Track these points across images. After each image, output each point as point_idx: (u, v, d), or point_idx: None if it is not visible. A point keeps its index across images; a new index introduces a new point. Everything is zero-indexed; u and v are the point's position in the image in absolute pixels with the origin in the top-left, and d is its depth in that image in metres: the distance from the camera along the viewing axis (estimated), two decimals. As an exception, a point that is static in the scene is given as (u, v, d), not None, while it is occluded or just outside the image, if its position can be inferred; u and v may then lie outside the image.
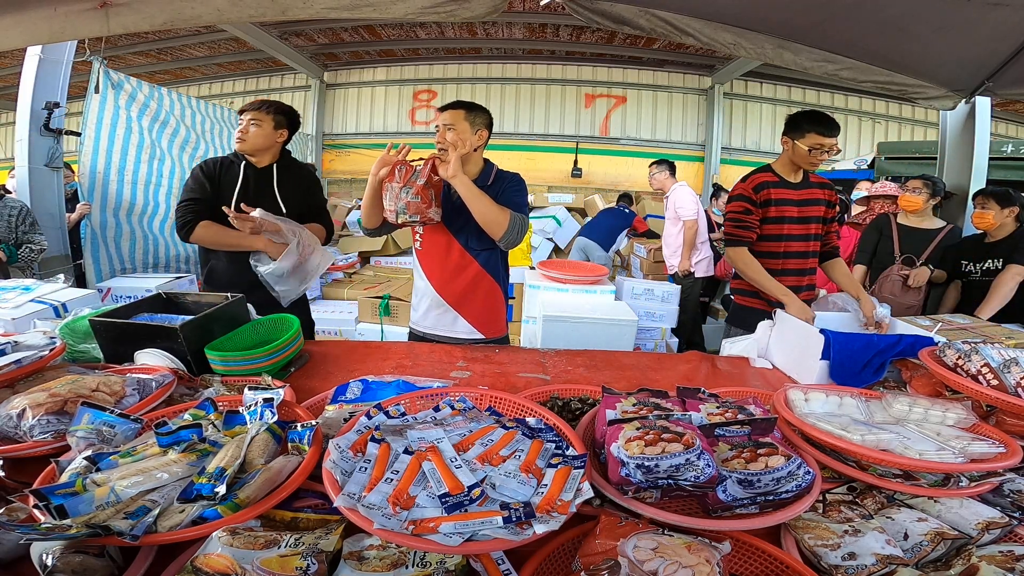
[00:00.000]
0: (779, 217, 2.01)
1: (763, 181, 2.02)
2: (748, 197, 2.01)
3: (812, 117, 1.94)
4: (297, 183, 2.01)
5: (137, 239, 3.90)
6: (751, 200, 2.01)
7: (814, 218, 2.05)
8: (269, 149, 1.95)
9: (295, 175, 2.02)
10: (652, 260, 4.73)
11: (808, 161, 1.96)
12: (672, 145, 7.02)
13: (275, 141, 1.94)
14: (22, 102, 3.18)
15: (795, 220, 2.02)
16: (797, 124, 1.96)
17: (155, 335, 1.32)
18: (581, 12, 2.07)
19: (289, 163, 2.03)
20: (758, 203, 2.01)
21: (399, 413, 0.95)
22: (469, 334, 1.88)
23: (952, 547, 0.76)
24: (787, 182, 2.03)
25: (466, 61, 7.09)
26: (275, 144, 1.95)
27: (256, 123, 1.87)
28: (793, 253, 2.04)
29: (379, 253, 5.13)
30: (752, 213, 2.01)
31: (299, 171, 2.04)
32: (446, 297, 1.84)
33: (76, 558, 0.62)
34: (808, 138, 1.91)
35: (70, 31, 2.01)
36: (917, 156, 4.26)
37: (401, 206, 1.63)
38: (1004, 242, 2.53)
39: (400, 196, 1.62)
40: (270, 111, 1.90)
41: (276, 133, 1.93)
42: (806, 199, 2.03)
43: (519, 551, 0.67)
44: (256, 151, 1.92)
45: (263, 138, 1.90)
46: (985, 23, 1.96)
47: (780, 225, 2.02)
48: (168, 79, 7.28)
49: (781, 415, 1.00)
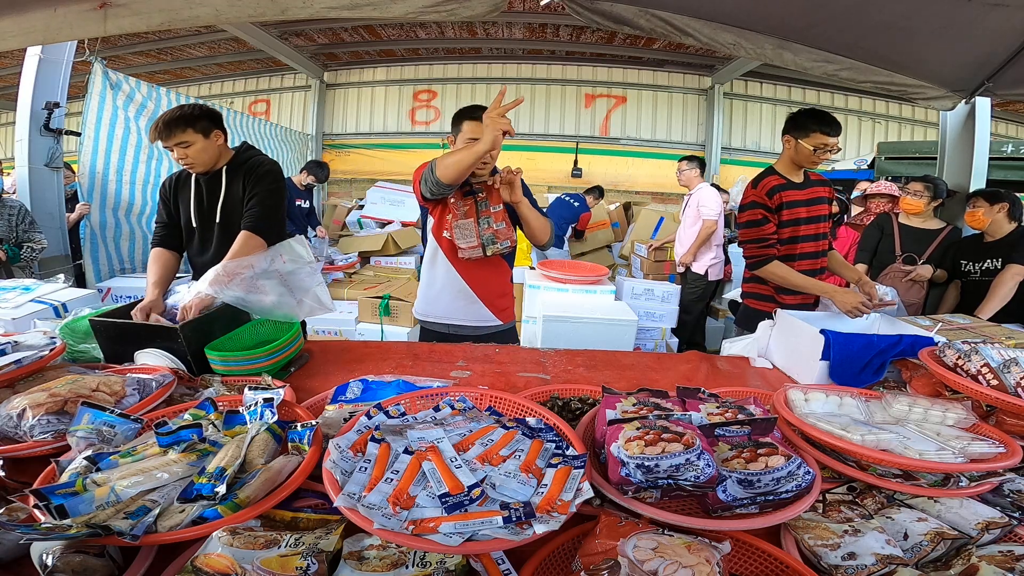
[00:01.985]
0: (792, 220, 1.99)
1: (774, 185, 1.98)
2: (763, 204, 1.97)
3: (816, 116, 1.91)
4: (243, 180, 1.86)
5: (137, 239, 3.91)
6: (766, 207, 1.97)
7: (823, 216, 2.04)
8: (218, 157, 1.85)
9: (245, 172, 1.87)
10: (652, 260, 4.73)
11: (811, 160, 1.94)
12: (672, 145, 7.01)
13: (216, 146, 1.81)
14: (22, 102, 3.18)
15: (805, 221, 2.00)
16: (801, 123, 1.93)
17: (155, 335, 1.32)
18: (581, 12, 2.07)
19: (242, 162, 1.88)
20: (772, 208, 1.98)
21: (399, 413, 0.95)
22: (487, 321, 1.90)
23: (952, 547, 0.76)
24: (792, 183, 2.01)
25: (466, 61, 7.09)
26: (218, 148, 1.83)
27: (185, 144, 1.73)
28: (806, 254, 2.03)
29: (379, 253, 5.13)
30: (769, 222, 1.98)
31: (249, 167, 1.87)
32: (475, 287, 1.84)
33: (76, 558, 0.62)
34: (813, 137, 1.89)
35: (69, 31, 2.00)
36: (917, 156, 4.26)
37: (488, 237, 1.59)
38: (1003, 242, 2.54)
39: (481, 230, 1.59)
40: (188, 125, 1.72)
41: (211, 139, 1.79)
42: (812, 198, 2.01)
43: (519, 551, 0.67)
44: (208, 167, 1.83)
45: (204, 152, 1.78)
46: (985, 23, 1.96)
47: (795, 227, 2.00)
48: (168, 79, 7.27)
49: (781, 415, 1.00)
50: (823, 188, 2.06)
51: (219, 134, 1.82)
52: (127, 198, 3.78)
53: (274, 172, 1.90)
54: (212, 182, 1.87)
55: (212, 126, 1.79)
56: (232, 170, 1.87)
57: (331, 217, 6.04)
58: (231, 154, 1.90)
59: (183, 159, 1.76)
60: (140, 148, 3.81)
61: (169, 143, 1.73)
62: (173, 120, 1.70)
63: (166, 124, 1.70)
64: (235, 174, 1.86)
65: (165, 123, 1.70)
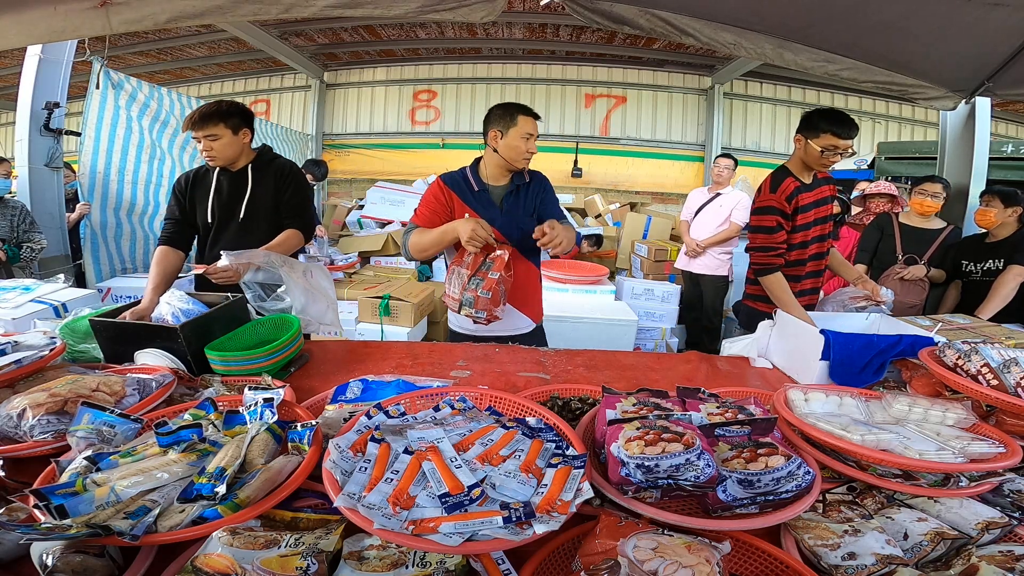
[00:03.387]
0: (804, 224, 1.96)
1: (793, 189, 1.92)
2: (780, 210, 1.92)
3: (830, 116, 1.84)
4: (272, 182, 1.92)
5: (137, 239, 3.91)
6: (783, 213, 1.92)
7: (828, 216, 2.03)
8: (240, 154, 1.89)
9: (272, 174, 1.93)
10: (652, 260, 4.73)
11: (820, 162, 1.88)
12: (672, 145, 7.01)
13: (242, 144, 1.87)
14: (22, 102, 3.18)
15: (814, 222, 1.99)
16: (813, 123, 1.86)
17: (155, 335, 1.32)
18: (581, 12, 2.07)
19: (267, 162, 1.94)
20: (789, 214, 1.93)
21: (399, 413, 0.95)
22: (525, 328, 1.89)
23: (952, 547, 0.76)
24: (804, 184, 1.97)
25: (466, 61, 7.08)
26: (243, 147, 1.89)
27: (214, 137, 1.79)
28: (813, 256, 2.02)
29: (379, 253, 5.12)
30: (782, 229, 1.93)
31: (278, 169, 1.95)
32: (512, 300, 1.80)
33: (76, 558, 0.62)
34: (823, 138, 1.83)
35: (70, 30, 2.00)
36: (917, 156, 4.26)
37: (468, 298, 1.53)
38: (1005, 242, 2.53)
39: (468, 287, 1.53)
40: (221, 120, 1.79)
41: (239, 136, 1.85)
42: (819, 199, 1.99)
43: (519, 551, 0.67)
44: (229, 162, 1.87)
45: (229, 148, 1.83)
46: (985, 23, 1.96)
47: (806, 231, 1.97)
48: (168, 79, 7.27)
49: (781, 415, 1.00)
50: (828, 187, 2.04)
51: (247, 132, 1.89)
52: (129, 198, 3.78)
53: (302, 175, 2.02)
54: (236, 180, 1.90)
55: (243, 124, 1.86)
56: (258, 170, 1.92)
57: (331, 217, 6.03)
58: (254, 155, 1.94)
59: (208, 151, 1.81)
60: (142, 148, 3.81)
61: (199, 134, 1.78)
62: (210, 113, 1.78)
63: (202, 116, 1.77)
64: (262, 174, 1.92)
65: (202, 115, 1.77)
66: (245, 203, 1.89)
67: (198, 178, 1.93)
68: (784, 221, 1.93)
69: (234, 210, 1.89)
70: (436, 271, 5.20)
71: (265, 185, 1.91)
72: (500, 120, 1.71)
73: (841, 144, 1.83)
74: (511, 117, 1.70)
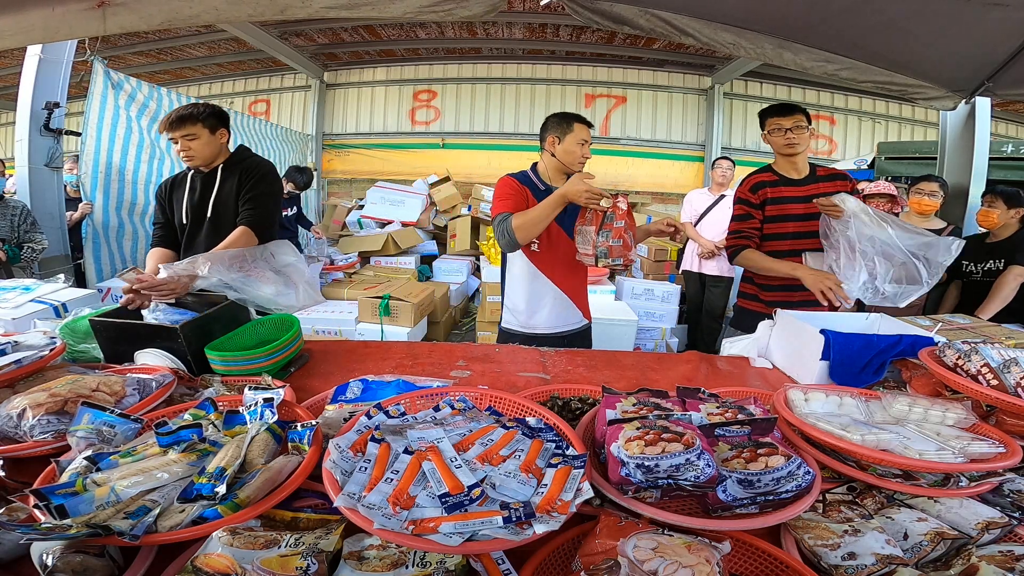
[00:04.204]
0: (780, 216, 2.01)
1: (759, 181, 2.06)
2: (746, 200, 2.06)
3: (767, 108, 2.04)
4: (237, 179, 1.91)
5: (140, 238, 3.92)
6: (750, 203, 2.05)
7: None
8: (217, 154, 1.92)
9: (240, 171, 1.92)
10: (652, 260, 4.73)
11: (782, 149, 2.00)
12: (672, 145, 7.01)
13: (220, 143, 1.90)
14: (22, 102, 3.18)
15: (799, 218, 1.99)
16: (760, 119, 2.07)
17: (155, 335, 1.32)
18: (581, 12, 2.07)
19: (238, 160, 1.95)
20: (756, 204, 2.04)
21: (399, 413, 0.95)
22: (577, 324, 1.98)
23: (952, 547, 0.76)
24: (788, 179, 2.03)
25: (466, 61, 7.08)
26: (221, 147, 1.92)
27: (191, 137, 1.82)
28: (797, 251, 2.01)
29: (379, 253, 5.13)
30: (752, 218, 2.05)
31: (246, 167, 1.93)
32: (569, 292, 1.93)
33: (76, 558, 0.62)
34: (768, 124, 2.01)
35: (68, 30, 2.01)
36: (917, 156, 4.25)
37: (602, 250, 1.64)
38: (1006, 243, 2.53)
39: (598, 241, 1.64)
40: (199, 120, 1.82)
41: (216, 136, 1.88)
42: (813, 195, 1.98)
43: (519, 551, 0.67)
44: (206, 161, 1.90)
45: (207, 147, 1.86)
46: (985, 23, 1.96)
47: (783, 223, 2.02)
48: (168, 79, 7.27)
49: (781, 415, 1.00)
50: (831, 184, 2.01)
51: (224, 132, 1.91)
52: (130, 198, 3.79)
53: (272, 174, 1.98)
54: (207, 179, 1.92)
55: (219, 124, 1.89)
56: (227, 168, 1.93)
57: (331, 217, 6.04)
58: (228, 155, 1.96)
59: (185, 151, 1.83)
60: (143, 148, 3.82)
61: (177, 134, 1.81)
62: (185, 115, 1.81)
63: (179, 118, 1.80)
64: (230, 172, 1.92)
65: (178, 117, 1.80)
66: (212, 201, 1.90)
67: (177, 182, 1.98)
68: (752, 210, 2.05)
69: (204, 210, 1.90)
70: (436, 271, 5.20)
71: (231, 182, 1.91)
72: (557, 127, 1.86)
73: (783, 122, 1.96)
74: (568, 124, 1.85)
